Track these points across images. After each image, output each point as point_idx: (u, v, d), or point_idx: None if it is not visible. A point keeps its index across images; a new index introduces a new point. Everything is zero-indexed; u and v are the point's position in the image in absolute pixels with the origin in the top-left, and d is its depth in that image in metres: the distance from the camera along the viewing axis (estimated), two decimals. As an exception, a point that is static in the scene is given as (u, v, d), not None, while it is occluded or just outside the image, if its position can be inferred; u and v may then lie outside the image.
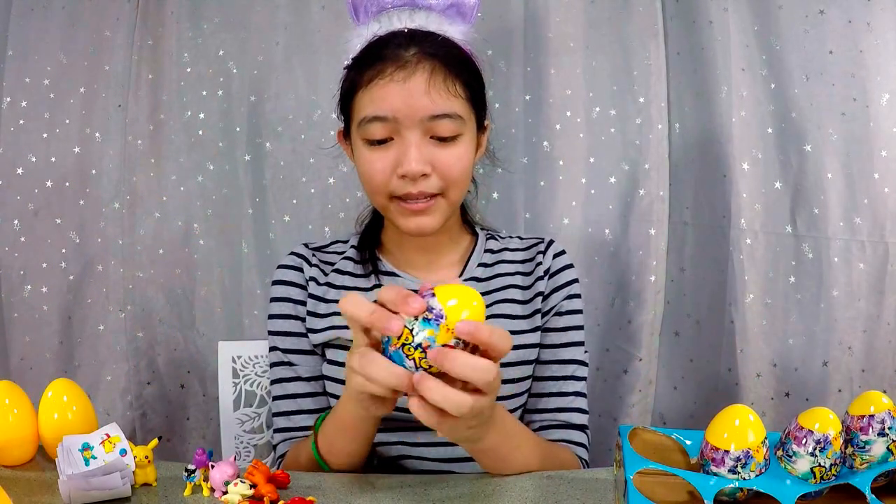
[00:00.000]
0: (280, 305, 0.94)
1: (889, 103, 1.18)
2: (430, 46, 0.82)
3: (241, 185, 1.38)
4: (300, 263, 0.96)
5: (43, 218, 1.36)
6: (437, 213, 0.85)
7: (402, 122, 0.80)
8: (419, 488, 0.71)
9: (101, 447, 0.68)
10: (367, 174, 0.84)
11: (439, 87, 0.80)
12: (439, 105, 0.80)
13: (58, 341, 1.39)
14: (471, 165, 0.87)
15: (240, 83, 1.36)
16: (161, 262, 1.41)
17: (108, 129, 1.37)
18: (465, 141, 0.84)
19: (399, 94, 0.79)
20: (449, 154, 0.82)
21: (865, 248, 1.22)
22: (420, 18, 0.84)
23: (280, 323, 0.93)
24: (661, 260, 1.34)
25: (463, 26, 0.87)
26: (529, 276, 0.95)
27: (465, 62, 0.85)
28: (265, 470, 0.69)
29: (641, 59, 1.31)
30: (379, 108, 0.80)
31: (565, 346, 0.92)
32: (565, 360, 0.92)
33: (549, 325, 0.93)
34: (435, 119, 0.81)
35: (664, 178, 1.33)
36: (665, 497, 0.62)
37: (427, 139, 0.82)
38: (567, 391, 0.91)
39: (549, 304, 0.93)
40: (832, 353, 1.24)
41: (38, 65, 1.33)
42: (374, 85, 0.81)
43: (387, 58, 0.81)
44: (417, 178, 0.81)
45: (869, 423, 0.61)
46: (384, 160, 0.82)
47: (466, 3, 0.86)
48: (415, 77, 0.80)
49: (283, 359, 0.92)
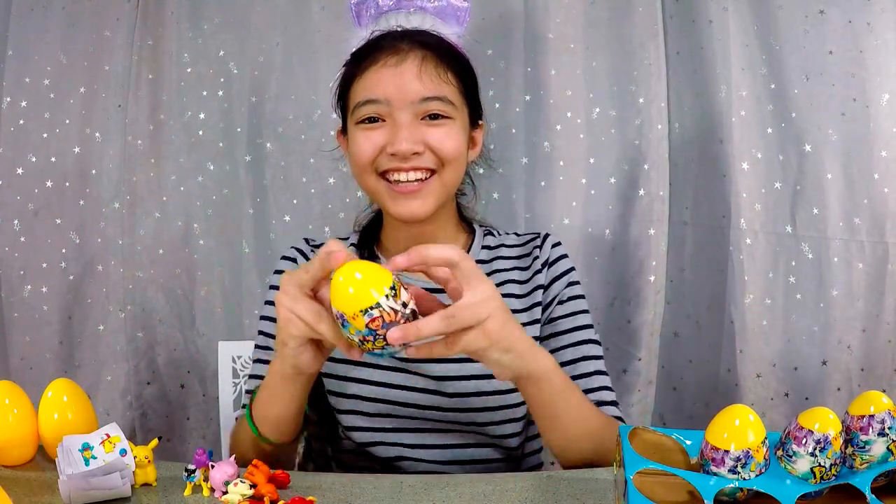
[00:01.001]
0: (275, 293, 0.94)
1: (889, 103, 1.18)
2: (423, 38, 0.86)
3: (242, 186, 1.38)
4: (296, 255, 0.97)
5: (43, 218, 1.36)
6: (431, 196, 0.85)
7: (394, 105, 0.82)
8: (419, 488, 0.71)
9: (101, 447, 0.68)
10: (357, 153, 0.86)
11: (430, 73, 0.83)
12: (430, 88, 0.83)
13: (58, 341, 1.39)
14: (463, 149, 0.88)
15: (240, 83, 1.36)
16: (161, 262, 1.41)
17: (108, 129, 1.37)
18: (456, 125, 0.86)
19: (391, 78, 0.82)
20: (440, 132, 0.84)
21: (865, 248, 1.22)
22: (416, 20, 0.88)
23: (272, 310, 0.93)
24: (660, 260, 1.34)
25: (457, 28, 0.90)
26: (527, 271, 0.95)
27: (456, 56, 0.88)
28: (265, 470, 0.69)
29: (641, 59, 1.31)
30: (371, 92, 0.83)
31: (575, 329, 0.93)
32: (577, 342, 0.92)
33: (555, 314, 0.93)
34: (426, 101, 0.83)
35: (664, 178, 1.33)
36: (665, 497, 0.62)
37: (418, 121, 0.84)
38: (588, 371, 0.90)
39: (551, 295, 0.94)
40: (832, 353, 1.24)
41: (38, 65, 1.33)
42: (368, 72, 0.84)
43: (381, 49, 0.84)
44: (409, 157, 0.83)
45: (869, 423, 0.61)
46: (373, 139, 0.84)
47: (458, 7, 0.90)
48: (406, 62, 0.83)
49: (267, 343, 0.92)
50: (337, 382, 0.90)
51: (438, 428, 0.89)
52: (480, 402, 0.88)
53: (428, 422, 0.89)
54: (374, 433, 0.89)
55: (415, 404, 0.88)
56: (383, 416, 0.89)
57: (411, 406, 0.88)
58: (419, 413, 0.88)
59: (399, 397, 0.88)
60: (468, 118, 0.89)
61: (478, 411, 0.88)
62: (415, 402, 0.88)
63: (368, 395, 0.88)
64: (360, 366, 0.88)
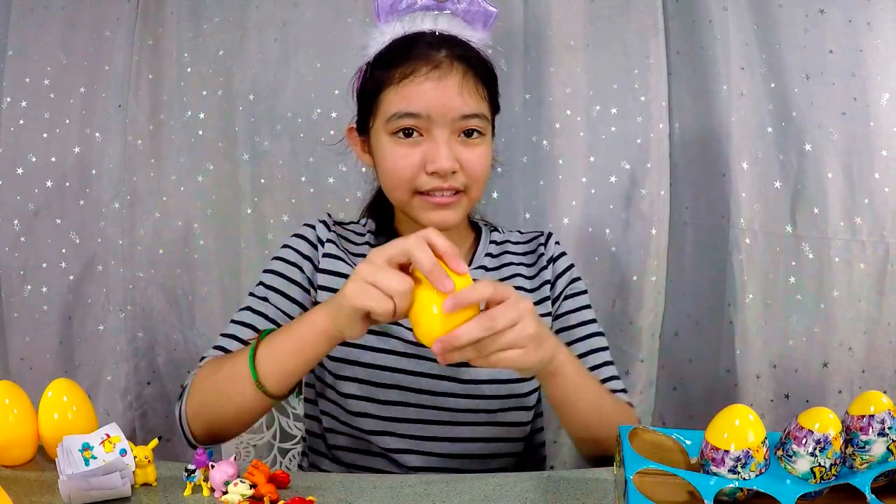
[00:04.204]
0: (287, 252, 0.95)
1: (889, 103, 1.18)
2: (459, 50, 0.85)
3: (241, 185, 1.38)
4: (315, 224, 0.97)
5: (43, 218, 1.36)
6: (459, 208, 0.88)
7: (435, 120, 0.83)
8: (419, 488, 0.71)
9: (101, 447, 0.68)
10: (394, 169, 0.86)
11: (471, 89, 0.84)
12: (471, 105, 0.84)
13: (58, 341, 1.39)
14: (489, 166, 0.90)
15: (239, 83, 1.36)
16: (161, 262, 1.41)
17: (108, 129, 1.37)
18: (487, 141, 0.89)
19: (434, 93, 0.82)
20: (474, 153, 0.86)
21: (866, 248, 1.21)
22: (444, 22, 0.87)
23: (279, 264, 0.94)
24: (662, 260, 1.34)
25: (482, 33, 0.90)
26: (533, 267, 0.99)
27: (489, 68, 0.89)
28: (265, 470, 0.69)
29: (642, 57, 1.31)
30: (412, 105, 0.83)
31: (581, 324, 0.96)
32: (585, 336, 0.96)
33: (562, 309, 0.97)
34: (465, 119, 0.84)
35: (665, 178, 1.33)
36: (665, 497, 0.62)
37: (455, 137, 0.85)
38: (598, 363, 0.94)
39: (557, 290, 0.98)
40: (832, 354, 1.24)
41: (38, 65, 1.33)
42: (409, 82, 0.83)
43: (418, 57, 0.83)
44: (447, 175, 0.84)
45: (869, 423, 0.61)
46: (412, 156, 0.84)
47: (489, 12, 0.89)
48: (449, 77, 0.83)
49: (263, 294, 0.91)
50: (350, 367, 0.89)
51: (448, 419, 0.90)
52: (493, 389, 0.90)
53: (440, 411, 0.89)
54: (384, 422, 0.89)
55: (429, 391, 0.89)
56: (395, 404, 0.89)
57: (425, 392, 0.89)
58: (432, 401, 0.89)
59: (413, 383, 0.89)
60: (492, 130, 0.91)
61: (490, 398, 0.90)
62: (429, 389, 0.89)
63: (381, 381, 0.89)
64: (373, 351, 0.89)
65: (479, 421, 0.90)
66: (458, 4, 0.87)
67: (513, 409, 0.92)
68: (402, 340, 0.89)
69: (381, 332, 0.89)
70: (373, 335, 0.89)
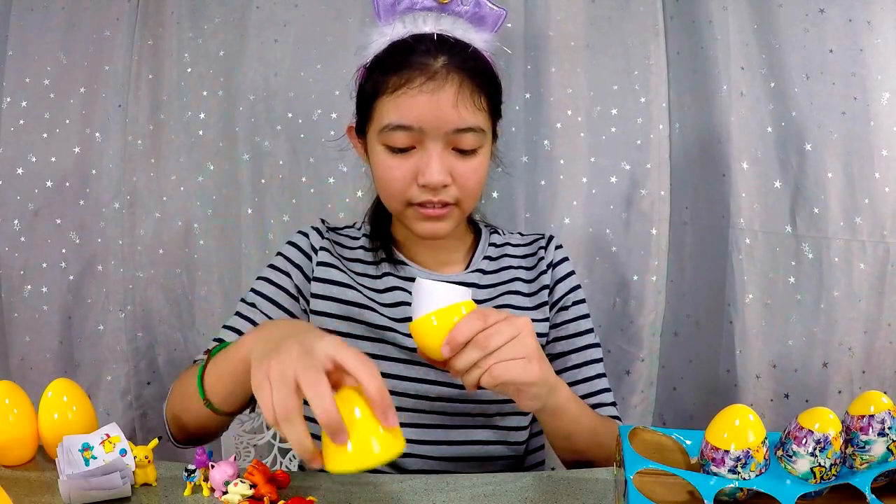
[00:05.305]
0: (278, 259, 0.95)
1: (890, 102, 1.18)
2: (459, 58, 0.82)
3: (241, 185, 1.38)
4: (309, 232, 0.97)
5: (43, 218, 1.36)
6: (451, 219, 0.88)
7: (428, 133, 0.81)
8: (419, 488, 0.71)
9: (101, 447, 0.68)
10: (386, 180, 0.85)
11: (466, 101, 0.81)
12: (465, 119, 0.82)
13: (58, 341, 1.39)
14: (485, 177, 0.89)
15: (240, 83, 1.36)
16: (161, 262, 1.41)
17: (108, 129, 1.37)
18: (483, 153, 0.86)
19: (427, 106, 0.80)
20: (468, 166, 0.84)
21: (866, 248, 1.21)
22: (446, 23, 0.84)
23: (269, 272, 0.94)
24: (662, 260, 1.34)
25: (487, 35, 0.87)
26: (533, 270, 0.98)
27: (490, 75, 0.86)
28: (265, 470, 0.69)
29: (642, 58, 1.31)
30: (405, 118, 0.81)
31: (579, 334, 0.96)
32: (582, 347, 0.95)
33: (560, 318, 0.96)
34: (459, 132, 0.82)
35: (665, 178, 1.33)
36: (665, 497, 0.62)
37: (448, 150, 0.83)
38: (591, 375, 0.94)
39: (556, 296, 0.97)
40: (832, 355, 1.24)
41: (38, 65, 1.33)
42: (402, 94, 0.81)
43: (414, 66, 0.81)
44: (438, 188, 0.83)
45: (869, 423, 0.61)
46: (404, 168, 0.83)
47: (494, 14, 0.87)
48: (444, 90, 0.80)
49: (252, 300, 0.91)
50: None
51: (446, 423, 0.90)
52: (491, 393, 0.89)
53: (437, 415, 0.89)
54: None
55: (426, 396, 0.89)
56: None
57: (422, 398, 0.89)
58: (429, 405, 0.89)
59: (410, 388, 0.89)
60: (492, 136, 0.89)
61: (488, 403, 0.90)
62: (425, 394, 0.89)
63: None
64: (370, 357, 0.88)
65: (477, 425, 0.90)
66: (462, 6, 0.84)
67: (511, 413, 0.91)
68: (399, 347, 0.89)
69: (378, 338, 0.89)
70: (369, 342, 0.89)
